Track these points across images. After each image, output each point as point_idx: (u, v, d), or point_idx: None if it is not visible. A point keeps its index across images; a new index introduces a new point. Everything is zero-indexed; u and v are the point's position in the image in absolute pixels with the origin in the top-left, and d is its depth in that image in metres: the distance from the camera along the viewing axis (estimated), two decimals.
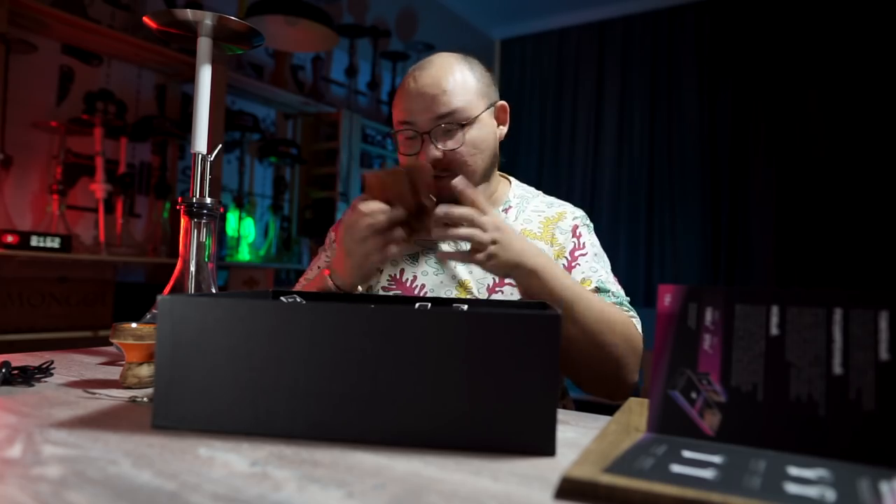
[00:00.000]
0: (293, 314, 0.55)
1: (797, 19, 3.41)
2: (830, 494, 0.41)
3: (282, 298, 0.77)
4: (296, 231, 3.30)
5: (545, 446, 0.52)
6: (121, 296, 2.35)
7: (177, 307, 0.56)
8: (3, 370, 0.70)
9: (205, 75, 0.87)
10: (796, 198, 3.36)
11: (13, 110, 2.13)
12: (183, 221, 0.85)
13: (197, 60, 0.87)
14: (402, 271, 1.03)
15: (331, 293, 1.06)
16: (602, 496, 0.42)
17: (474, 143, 0.97)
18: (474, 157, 0.98)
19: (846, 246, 3.20)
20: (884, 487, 0.42)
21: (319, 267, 1.12)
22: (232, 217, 2.94)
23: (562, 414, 0.67)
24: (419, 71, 0.98)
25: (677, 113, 3.74)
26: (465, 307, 0.77)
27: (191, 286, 0.84)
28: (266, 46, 2.96)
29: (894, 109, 3.14)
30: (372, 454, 0.50)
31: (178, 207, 0.85)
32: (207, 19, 0.84)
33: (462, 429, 0.52)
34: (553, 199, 1.11)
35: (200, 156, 0.87)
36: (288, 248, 3.23)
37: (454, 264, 1.01)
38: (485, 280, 1.00)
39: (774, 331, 0.53)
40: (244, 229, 2.99)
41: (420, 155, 0.96)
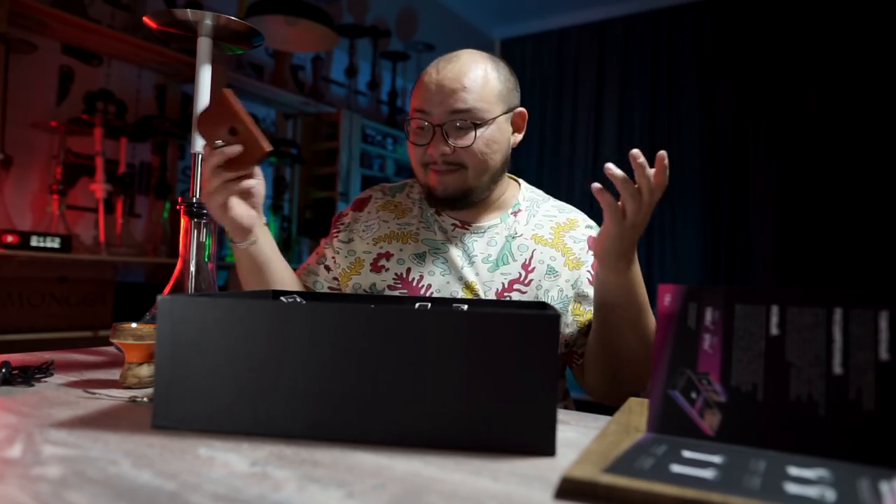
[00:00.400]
0: (293, 314, 0.55)
1: (797, 19, 3.41)
2: (830, 494, 0.41)
3: (282, 298, 0.77)
4: (296, 231, 3.30)
5: (545, 446, 0.52)
6: (121, 296, 2.35)
7: (177, 307, 0.56)
8: (3, 370, 0.70)
9: (205, 75, 0.87)
10: (796, 197, 3.36)
11: (13, 110, 2.13)
12: (183, 221, 0.85)
13: (197, 60, 0.87)
14: (409, 271, 1.01)
15: (331, 293, 1.06)
16: (602, 496, 0.42)
17: (486, 144, 0.97)
18: (484, 158, 0.97)
19: (846, 246, 3.20)
20: (884, 487, 0.42)
21: (317, 253, 1.12)
22: None
23: (562, 414, 0.67)
24: (443, 62, 0.97)
25: (677, 113, 3.74)
26: (465, 307, 0.77)
27: (191, 286, 0.84)
28: (266, 46, 2.96)
29: (894, 109, 3.14)
30: (372, 454, 0.50)
31: (178, 207, 0.85)
32: (207, 19, 0.84)
33: (462, 429, 0.52)
34: (563, 204, 1.11)
35: (200, 156, 0.87)
36: (288, 248, 3.23)
37: (461, 265, 1.00)
38: (492, 283, 0.99)
39: (774, 331, 0.53)
40: None
41: (429, 147, 0.97)
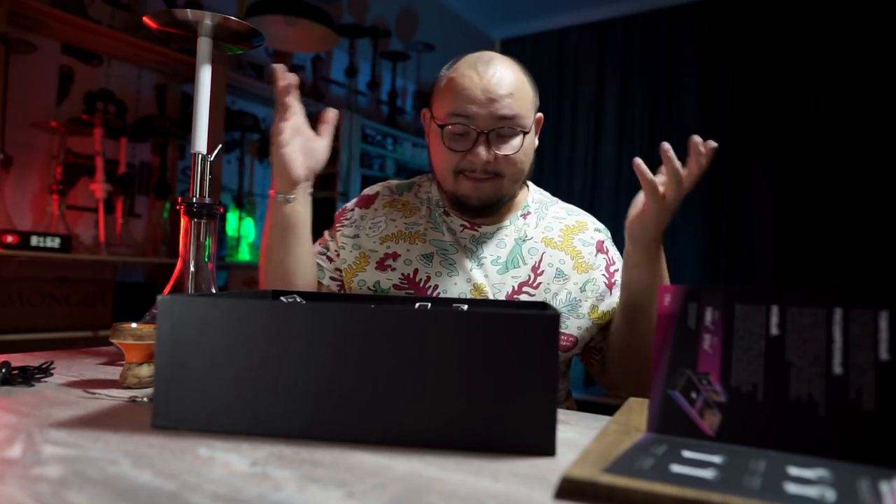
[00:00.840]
0: (292, 314, 0.55)
1: (797, 19, 3.41)
2: (830, 494, 0.41)
3: (282, 298, 0.77)
4: None
5: (545, 446, 0.52)
6: (121, 296, 2.34)
7: (177, 307, 0.56)
8: (3, 370, 0.70)
9: (205, 75, 0.87)
10: (796, 197, 3.35)
11: (13, 110, 2.13)
12: (183, 221, 0.85)
13: (197, 60, 0.87)
14: (416, 272, 1.01)
15: (331, 293, 1.06)
16: (602, 496, 0.42)
17: (524, 152, 0.97)
18: (523, 165, 0.98)
19: (846, 246, 3.19)
20: (884, 487, 0.42)
21: (320, 242, 1.12)
22: (232, 217, 2.94)
23: (562, 414, 0.67)
24: (481, 66, 0.94)
25: (677, 113, 3.74)
26: (465, 307, 0.77)
27: (191, 286, 0.84)
28: (266, 46, 2.96)
29: (894, 109, 3.14)
30: (372, 454, 0.50)
31: (178, 207, 0.85)
32: (207, 19, 0.84)
33: (462, 429, 0.52)
34: (571, 207, 1.11)
35: (200, 156, 0.87)
36: None
37: (470, 267, 1.00)
38: (503, 286, 0.98)
39: (774, 331, 0.53)
40: (244, 229, 2.99)
41: (471, 154, 0.94)
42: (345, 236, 1.08)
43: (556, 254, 1.01)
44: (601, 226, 1.08)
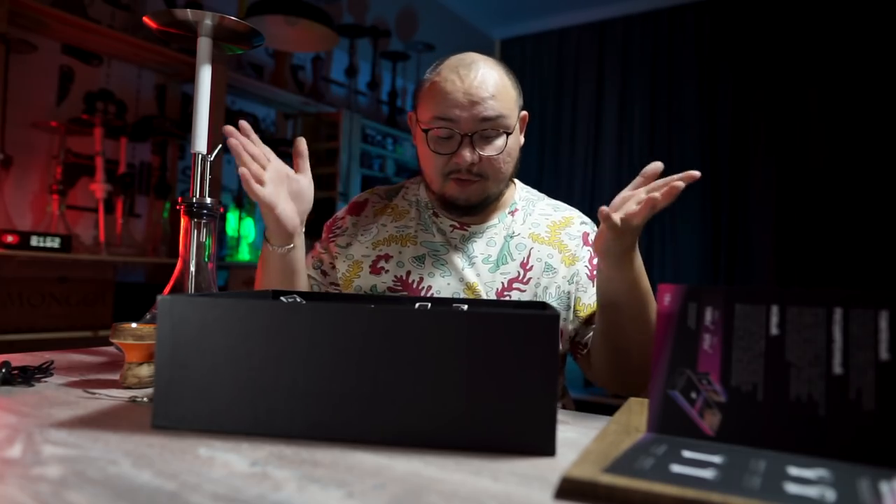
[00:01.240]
0: (293, 314, 0.55)
1: (797, 19, 3.41)
2: (830, 494, 0.41)
3: (282, 298, 0.77)
4: None
5: (545, 446, 0.52)
6: (121, 296, 2.34)
7: (177, 307, 0.56)
8: (3, 370, 0.70)
9: (205, 75, 0.87)
10: (796, 197, 3.35)
11: (13, 110, 2.13)
12: (183, 221, 0.85)
13: (197, 60, 0.87)
14: (409, 273, 1.01)
15: (331, 294, 1.06)
16: (602, 496, 0.42)
17: (509, 152, 0.98)
18: (507, 165, 0.99)
19: (846, 246, 3.19)
20: (884, 487, 0.42)
21: (313, 256, 1.12)
22: (232, 217, 2.94)
23: (562, 414, 0.67)
24: (463, 69, 0.95)
25: (677, 113, 3.74)
26: (465, 307, 0.77)
27: (191, 286, 0.83)
28: (266, 46, 2.96)
29: (894, 109, 3.14)
30: (372, 454, 0.50)
31: (178, 207, 0.85)
32: (207, 19, 0.84)
33: (462, 429, 0.52)
34: (558, 203, 1.11)
35: (200, 156, 0.87)
36: None
37: (462, 266, 1.00)
38: (493, 284, 0.99)
39: (774, 331, 0.53)
40: (244, 229, 2.99)
41: (456, 156, 0.95)
42: (339, 246, 1.08)
43: (544, 248, 1.02)
44: (587, 219, 1.08)
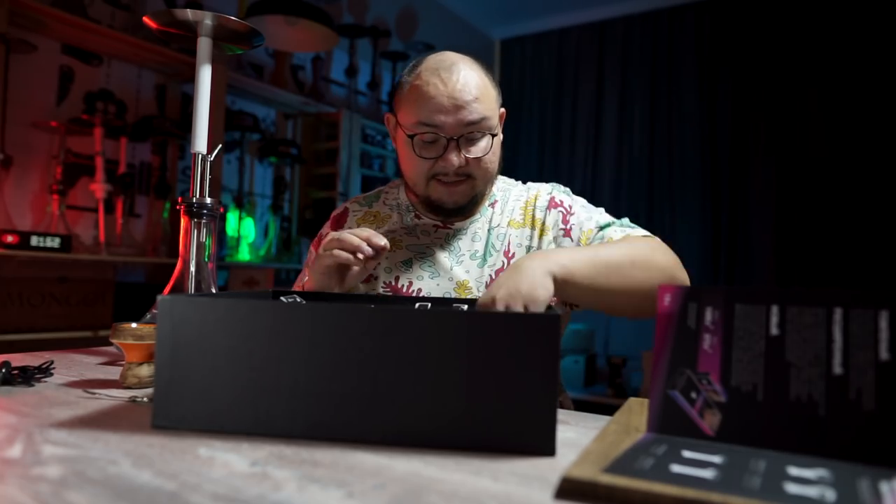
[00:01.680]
0: (293, 314, 0.55)
1: (797, 19, 3.41)
2: (830, 494, 0.41)
3: (282, 298, 0.77)
4: (296, 231, 3.29)
5: (545, 446, 0.52)
6: (121, 296, 2.34)
7: (177, 307, 0.56)
8: (3, 370, 0.70)
9: (205, 75, 0.87)
10: (796, 197, 3.35)
11: (13, 110, 2.13)
12: (183, 221, 0.85)
13: (197, 60, 0.87)
14: (398, 278, 1.02)
15: (331, 294, 1.06)
16: (602, 496, 0.42)
17: (494, 152, 0.99)
18: (493, 165, 1.00)
19: (846, 246, 3.19)
20: (884, 487, 0.42)
21: (308, 265, 1.11)
22: (232, 217, 2.94)
23: (562, 414, 0.67)
24: (444, 73, 0.94)
25: (677, 112, 3.74)
26: (465, 307, 0.77)
27: (191, 286, 0.84)
28: (266, 46, 2.96)
29: (894, 109, 3.14)
30: (372, 454, 0.50)
31: (178, 207, 0.85)
32: (207, 19, 0.84)
33: (462, 429, 0.52)
34: (530, 184, 1.12)
35: (200, 156, 0.87)
36: (288, 249, 3.23)
37: (451, 265, 1.01)
38: (483, 278, 1.00)
39: (774, 331, 0.53)
40: (244, 229, 2.99)
41: (444, 159, 0.95)
42: None
43: (522, 231, 1.03)
44: (552, 185, 1.08)
